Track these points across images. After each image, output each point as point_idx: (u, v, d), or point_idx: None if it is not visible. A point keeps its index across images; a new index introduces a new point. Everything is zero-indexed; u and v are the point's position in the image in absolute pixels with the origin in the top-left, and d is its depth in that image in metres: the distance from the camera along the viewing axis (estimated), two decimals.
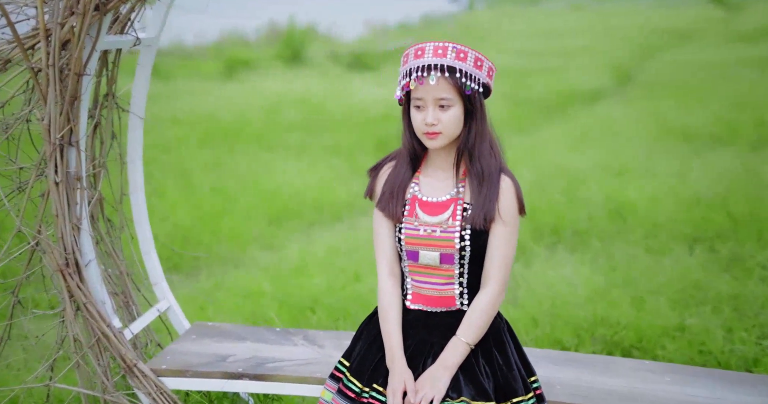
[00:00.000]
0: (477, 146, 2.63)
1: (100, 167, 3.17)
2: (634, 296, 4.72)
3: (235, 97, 11.10)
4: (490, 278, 2.65)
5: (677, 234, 5.74)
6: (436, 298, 2.72)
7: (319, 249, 6.14)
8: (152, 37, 3.21)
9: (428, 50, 2.57)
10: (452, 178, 2.71)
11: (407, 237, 2.68)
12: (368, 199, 2.89)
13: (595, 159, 7.91)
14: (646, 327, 4.27)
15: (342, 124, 9.87)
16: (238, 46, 16.99)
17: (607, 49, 16.76)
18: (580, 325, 4.40)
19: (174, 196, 7.10)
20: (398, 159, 2.80)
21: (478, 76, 2.57)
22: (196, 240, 6.36)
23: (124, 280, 3.26)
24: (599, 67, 14.27)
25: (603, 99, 12.15)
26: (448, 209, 2.66)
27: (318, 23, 20.35)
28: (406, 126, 2.72)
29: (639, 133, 9.17)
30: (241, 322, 4.82)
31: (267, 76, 12.89)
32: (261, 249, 6.35)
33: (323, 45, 17.58)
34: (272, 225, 6.84)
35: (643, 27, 21.10)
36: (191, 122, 9.55)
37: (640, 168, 7.51)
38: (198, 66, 14.45)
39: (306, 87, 11.82)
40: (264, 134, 9.37)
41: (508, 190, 2.67)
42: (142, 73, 3.27)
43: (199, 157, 8.31)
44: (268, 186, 7.59)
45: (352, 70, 14.32)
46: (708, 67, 13.67)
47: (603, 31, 20.37)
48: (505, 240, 2.65)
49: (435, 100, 2.55)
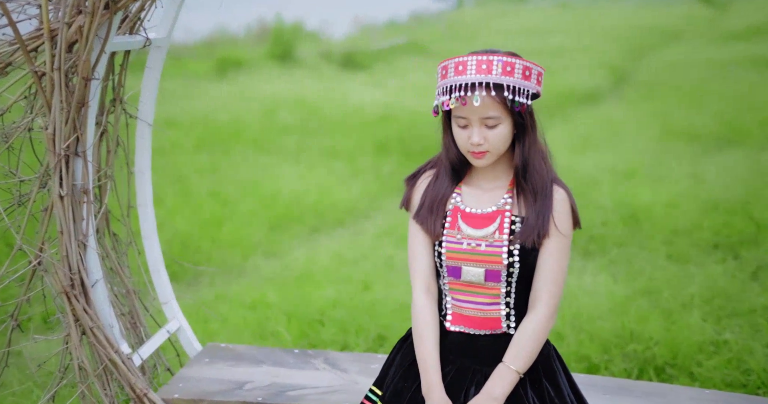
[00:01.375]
0: (530, 160, 2.41)
1: (107, 178, 2.92)
2: (663, 308, 4.50)
3: (228, 99, 10.83)
4: (540, 298, 2.41)
5: (698, 240, 5.52)
6: (480, 320, 2.47)
7: (323, 257, 5.91)
8: (163, 38, 2.97)
9: (470, 65, 2.32)
10: (499, 188, 2.49)
11: (448, 251, 2.44)
12: (404, 210, 2.66)
13: (601, 161, 7.70)
14: (679, 343, 4.04)
15: (339, 126, 9.62)
16: (227, 44, 16.71)
17: (599, 48, 16.57)
18: (608, 340, 4.18)
19: (171, 202, 6.85)
20: (439, 169, 2.57)
21: (528, 87, 2.34)
22: (195, 248, 6.12)
23: (132, 299, 3.01)
24: (594, 67, 14.08)
25: (601, 99, 11.95)
26: (495, 221, 2.43)
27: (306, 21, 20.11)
28: (448, 139, 2.49)
29: (642, 133, 8.96)
30: (248, 336, 4.59)
31: (259, 77, 12.61)
32: (263, 257, 6.11)
33: (313, 43, 17.32)
34: (273, 231, 6.60)
35: (632, 26, 20.95)
36: (185, 125, 9.28)
37: (649, 170, 7.30)
38: (187, 65, 14.16)
39: (300, 88, 11.56)
40: (260, 137, 9.11)
41: (563, 202, 2.45)
42: (151, 76, 3.02)
43: (195, 161, 8.05)
44: (268, 190, 7.35)
45: (344, 69, 14.07)
46: (703, 66, 13.50)
47: (592, 30, 20.20)
48: (557, 257, 2.43)
49: (480, 119, 2.33)
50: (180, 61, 14.56)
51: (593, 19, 23.24)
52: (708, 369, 3.81)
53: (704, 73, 12.64)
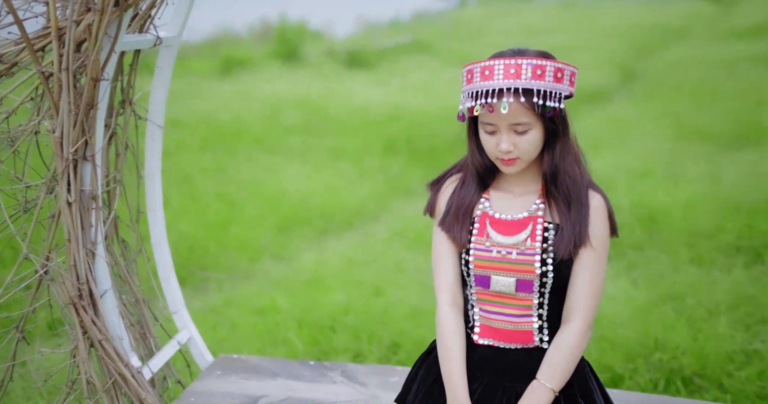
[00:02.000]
0: (561, 165, 2.27)
1: (116, 183, 2.78)
2: (688, 315, 4.35)
3: (232, 98, 10.68)
4: (575, 311, 2.27)
5: (720, 242, 5.36)
6: (510, 333, 2.33)
7: (332, 260, 5.78)
8: (173, 36, 2.84)
9: (498, 70, 2.17)
10: (530, 193, 2.35)
11: (477, 259, 2.30)
12: (428, 216, 2.52)
13: (615, 161, 7.54)
14: (707, 352, 3.89)
15: (345, 125, 9.47)
16: (230, 43, 16.57)
17: (604, 46, 16.40)
18: (632, 349, 4.03)
19: (177, 204, 6.71)
20: (465, 174, 2.43)
21: (560, 90, 2.18)
22: (202, 251, 5.99)
23: (141, 309, 2.87)
24: (600, 65, 13.91)
25: (610, 98, 11.80)
26: (526, 228, 2.29)
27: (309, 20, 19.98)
28: (474, 145, 2.35)
29: (654, 133, 8.80)
30: (258, 344, 4.47)
31: (263, 76, 12.46)
32: (272, 260, 5.98)
33: (316, 43, 17.18)
34: (281, 233, 6.47)
35: (636, 24, 20.75)
36: (190, 125, 9.14)
37: (664, 170, 7.14)
38: (190, 64, 14.02)
39: (304, 87, 11.41)
40: (265, 137, 8.97)
41: (600, 209, 2.32)
42: (162, 76, 2.89)
43: (200, 161, 7.91)
44: (274, 191, 7.21)
45: (348, 68, 13.92)
46: (710, 64, 13.32)
47: (596, 29, 20.00)
48: (593, 268, 2.29)
49: (509, 126, 2.19)
50: (183, 61, 14.42)
51: (596, 18, 23.05)
52: (739, 381, 3.67)
53: (712, 71, 12.47)
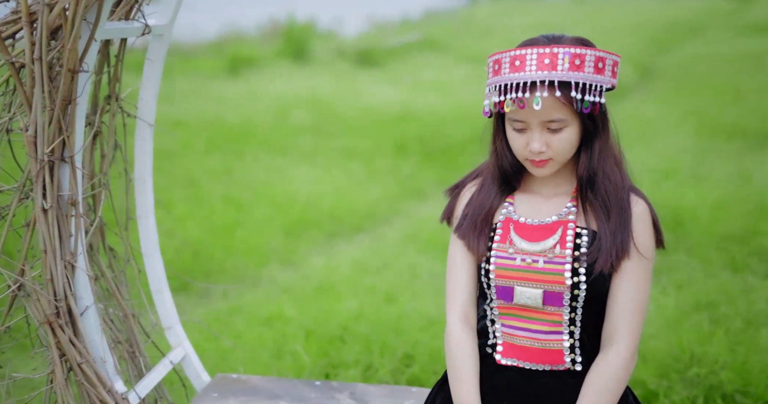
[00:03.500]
0: (600, 168, 1.99)
1: (101, 186, 2.51)
2: (724, 325, 4.04)
3: (240, 98, 10.42)
4: (618, 333, 1.99)
5: (753, 246, 5.06)
6: (537, 352, 2.05)
7: (342, 265, 5.50)
8: (165, 25, 2.57)
9: (530, 59, 1.88)
10: (562, 195, 2.07)
11: (498, 268, 2.03)
12: (445, 224, 2.26)
13: (637, 160, 7.22)
14: (749, 367, 3.58)
15: (355, 125, 9.19)
16: (238, 43, 16.32)
17: (620, 42, 16.04)
18: (665, 363, 3.73)
19: (181, 208, 6.45)
20: (485, 178, 2.15)
21: (601, 82, 1.90)
22: (207, 256, 5.72)
23: (130, 325, 2.60)
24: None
25: (628, 94, 11.48)
26: (555, 233, 2.01)
27: (319, 19, 19.76)
28: (499, 143, 2.08)
29: (678, 130, 8.48)
30: (264, 356, 4.19)
31: (272, 75, 12.19)
32: (279, 265, 5.70)
33: (326, 41, 16.92)
34: (289, 237, 6.19)
35: (652, 20, 20.42)
36: (196, 126, 8.87)
37: (690, 169, 6.82)
38: (198, 64, 13.76)
39: (313, 86, 11.14)
40: (273, 138, 8.69)
41: (644, 215, 2.04)
42: (153, 69, 2.62)
43: (206, 163, 7.65)
44: (282, 194, 6.94)
45: (358, 67, 13.63)
46: (731, 60, 12.98)
47: (611, 25, 19.67)
48: (638, 284, 2.01)
49: (542, 123, 1.92)
50: (190, 61, 14.18)
51: (609, 15, 22.72)
52: None
53: (734, 67, 12.13)
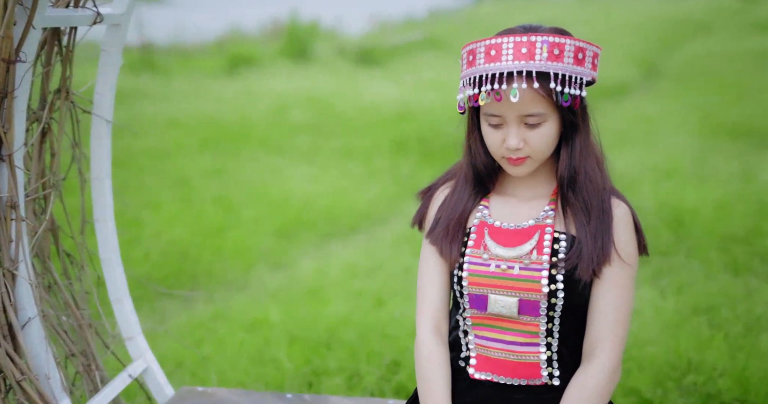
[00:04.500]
0: (581, 167, 1.85)
1: (51, 187, 2.35)
2: (724, 330, 3.87)
3: (238, 97, 10.26)
4: (600, 344, 1.84)
5: (758, 248, 4.88)
6: (512, 365, 1.90)
7: (334, 268, 5.33)
8: (120, 14, 2.40)
9: (506, 49, 1.74)
10: (540, 198, 1.92)
11: (471, 275, 1.88)
12: (417, 229, 2.11)
13: (639, 159, 7.06)
14: (749, 374, 3.42)
15: (354, 124, 9.02)
16: (239, 42, 16.20)
17: (625, 40, 15.86)
18: (661, 369, 3.57)
19: (170, 208, 6.29)
20: (458, 180, 2.00)
21: (581, 74, 1.77)
22: (195, 258, 5.55)
23: (85, 336, 2.43)
24: (621, 60, 13.39)
25: (632, 93, 11.30)
26: (532, 238, 1.86)
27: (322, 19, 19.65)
28: (473, 141, 1.93)
29: (681, 129, 8.29)
30: (245, 363, 4.03)
31: (272, 74, 12.04)
32: (269, 268, 5.54)
33: (328, 40, 16.78)
34: (281, 239, 6.02)
35: (657, 18, 20.22)
36: (191, 124, 8.72)
37: (692, 168, 6.64)
38: (198, 64, 13.64)
39: (313, 85, 10.98)
40: (271, 137, 8.53)
41: (625, 219, 1.89)
42: (108, 61, 2.46)
43: (199, 163, 7.49)
44: (276, 194, 6.77)
45: (359, 66, 13.47)
46: (737, 57, 12.77)
47: (617, 23, 19.50)
48: (621, 292, 1.86)
49: (519, 117, 1.78)
50: (192, 61, 14.06)
51: (615, 12, 22.54)
52: None
53: (740, 65, 11.93)
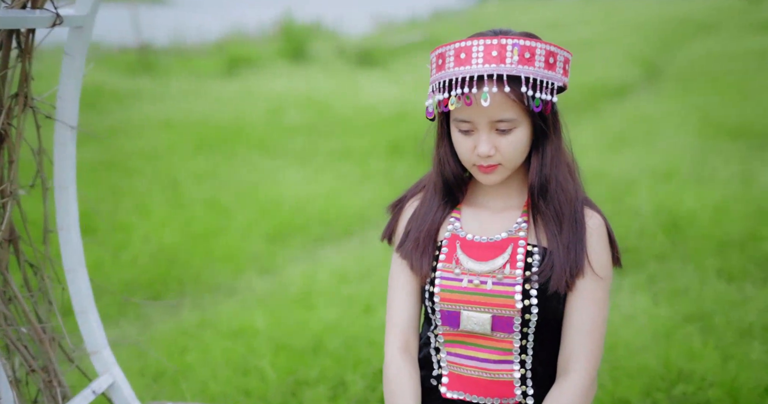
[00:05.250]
0: (553, 175, 1.77)
1: (9, 195, 2.25)
2: (716, 338, 3.79)
3: (234, 98, 10.17)
4: (575, 360, 1.78)
5: (754, 252, 4.78)
6: (485, 383, 1.83)
7: (324, 273, 5.24)
8: (83, 16, 2.31)
9: (476, 52, 1.68)
10: (512, 209, 1.86)
11: (443, 290, 1.82)
12: (386, 243, 2.04)
13: (637, 161, 6.96)
14: (739, 384, 3.33)
15: (351, 125, 8.94)
16: (240, 43, 16.14)
17: (628, 40, 15.78)
18: (651, 380, 3.48)
19: (160, 211, 6.20)
20: (428, 191, 1.93)
21: (552, 79, 1.72)
22: (184, 263, 5.47)
23: (46, 350, 2.34)
24: (623, 60, 13.30)
25: (633, 93, 11.19)
26: (505, 251, 1.80)
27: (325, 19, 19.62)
28: (444, 150, 1.86)
29: (681, 130, 8.17)
30: (228, 372, 3.94)
31: (270, 75, 11.95)
32: (258, 273, 5.44)
33: (329, 41, 16.71)
34: (272, 243, 5.93)
35: (661, 18, 20.15)
36: (185, 126, 8.64)
37: (691, 170, 6.53)
38: (197, 65, 13.56)
39: (311, 86, 10.89)
40: (266, 138, 8.44)
41: (599, 230, 1.81)
42: (72, 65, 2.36)
43: (192, 165, 7.40)
44: (269, 197, 6.69)
45: (359, 67, 13.39)
46: (741, 57, 12.64)
47: (619, 23, 19.44)
48: (594, 305, 1.80)
49: (490, 123, 1.72)
50: (191, 61, 13.99)
51: (620, 12, 22.50)
52: None
53: (743, 65, 11.80)
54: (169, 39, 16.02)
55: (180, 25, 17.04)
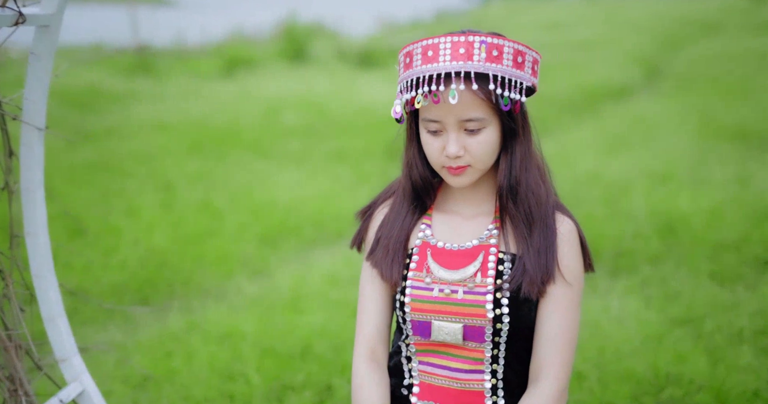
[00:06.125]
0: (522, 177, 1.73)
1: None
2: (706, 341, 3.73)
3: (232, 100, 10.12)
4: (546, 368, 1.76)
5: (748, 255, 4.72)
6: (456, 393, 1.80)
7: (314, 276, 5.19)
8: (50, 14, 2.26)
9: (444, 49, 1.66)
10: (484, 215, 1.83)
11: (414, 300, 1.79)
12: (356, 251, 2.01)
13: (634, 163, 6.90)
14: (727, 389, 3.28)
15: (347, 127, 8.88)
16: (241, 44, 16.11)
17: (630, 41, 15.72)
18: (639, 383, 3.43)
19: (151, 214, 6.15)
20: (397, 196, 1.90)
21: (521, 78, 1.68)
22: (174, 266, 5.42)
23: (12, 359, 2.28)
24: (625, 60, 13.24)
25: (634, 95, 11.12)
26: (476, 259, 1.77)
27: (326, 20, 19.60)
28: (412, 152, 1.85)
29: (680, 131, 8.10)
30: (213, 377, 3.89)
31: (267, 76, 11.90)
32: (249, 277, 5.39)
33: (330, 42, 16.67)
34: (264, 246, 5.88)
35: (664, 18, 20.08)
36: (181, 127, 8.59)
37: (688, 173, 6.46)
38: (198, 66, 13.52)
39: (309, 87, 10.84)
40: (262, 140, 8.39)
41: (570, 235, 1.78)
42: (39, 66, 2.31)
43: (185, 166, 7.35)
44: (262, 200, 6.63)
45: (359, 68, 13.34)
46: (743, 58, 12.56)
47: (622, 23, 19.37)
48: (566, 312, 1.78)
49: (459, 123, 1.69)
50: (192, 63, 13.96)
51: (623, 13, 22.43)
52: None
53: (746, 66, 11.72)
54: (171, 40, 16.01)
55: (183, 27, 17.03)
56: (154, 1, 30.46)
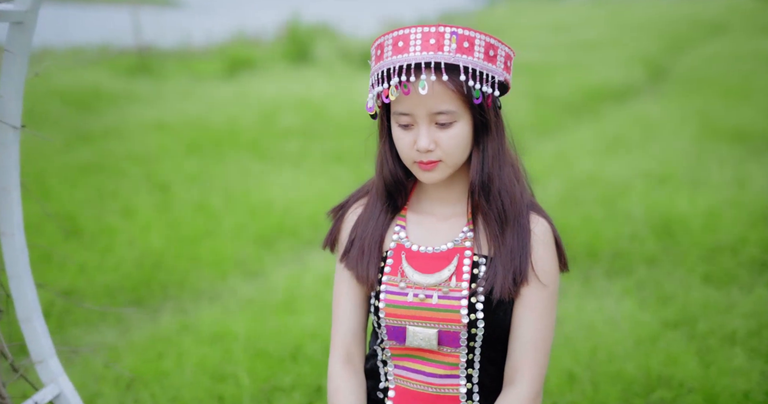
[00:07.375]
0: (495, 174, 1.70)
1: None
2: (698, 343, 3.71)
3: (231, 100, 10.10)
4: (520, 370, 1.74)
5: (743, 257, 4.69)
6: (432, 398, 1.78)
7: (309, 277, 5.17)
8: (24, 11, 2.23)
9: (414, 39, 1.65)
10: (459, 216, 1.81)
11: (389, 305, 1.78)
12: (328, 251, 1.99)
13: (632, 164, 6.86)
14: (718, 391, 3.25)
15: (346, 127, 8.84)
16: (245, 45, 16.10)
17: (634, 42, 15.68)
18: (630, 385, 3.40)
19: (147, 215, 6.13)
20: (371, 195, 1.88)
21: (492, 72, 1.65)
22: (170, 267, 5.39)
23: None
24: (628, 61, 13.19)
25: (636, 96, 11.08)
26: (450, 263, 1.75)
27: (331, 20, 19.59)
28: (384, 148, 1.83)
29: (682, 133, 8.06)
30: (203, 378, 3.87)
31: (270, 77, 11.88)
32: (244, 278, 5.36)
33: (334, 43, 16.65)
34: (260, 247, 5.85)
35: (670, 19, 20.04)
36: (179, 128, 8.56)
37: (686, 174, 6.43)
38: (200, 67, 13.51)
39: (308, 88, 10.81)
40: (260, 141, 8.35)
41: (545, 236, 1.75)
42: (14, 63, 2.29)
43: (182, 167, 7.32)
44: (260, 200, 6.60)
45: (361, 68, 13.30)
46: (748, 59, 12.50)
47: (627, 24, 19.35)
48: (540, 313, 1.75)
49: (429, 116, 1.66)
50: (195, 64, 13.95)
51: (628, 14, 22.41)
52: None
53: (749, 67, 11.67)
54: (176, 42, 16.00)
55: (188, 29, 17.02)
56: (161, 3, 30.48)
